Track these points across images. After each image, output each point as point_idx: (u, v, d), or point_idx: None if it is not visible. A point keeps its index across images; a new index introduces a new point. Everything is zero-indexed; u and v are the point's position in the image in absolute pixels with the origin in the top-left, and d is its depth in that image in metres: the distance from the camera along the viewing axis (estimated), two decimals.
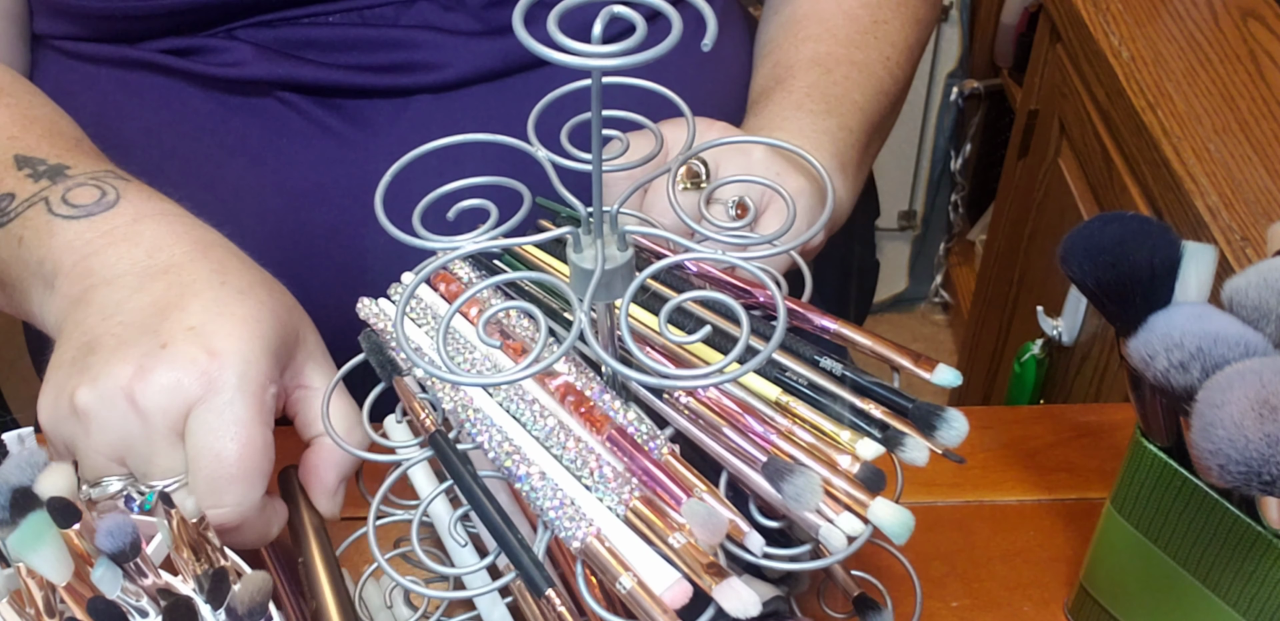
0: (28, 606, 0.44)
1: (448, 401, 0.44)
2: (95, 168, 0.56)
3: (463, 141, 0.40)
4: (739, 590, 0.36)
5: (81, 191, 0.53)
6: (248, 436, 0.47)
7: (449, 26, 0.65)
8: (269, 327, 0.49)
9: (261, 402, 0.48)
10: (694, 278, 0.50)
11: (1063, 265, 0.45)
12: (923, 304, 1.93)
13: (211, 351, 0.47)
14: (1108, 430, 0.65)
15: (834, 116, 0.66)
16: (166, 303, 0.49)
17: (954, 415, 0.42)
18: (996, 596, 0.57)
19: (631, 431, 0.42)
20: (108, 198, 0.53)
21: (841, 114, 0.66)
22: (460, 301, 0.35)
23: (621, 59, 0.30)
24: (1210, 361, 0.41)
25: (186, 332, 0.48)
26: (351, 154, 0.65)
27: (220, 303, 0.49)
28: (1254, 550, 0.44)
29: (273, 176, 0.65)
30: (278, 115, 0.64)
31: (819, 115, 0.65)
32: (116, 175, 0.56)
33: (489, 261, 0.52)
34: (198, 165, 0.65)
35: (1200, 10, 0.95)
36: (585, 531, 0.39)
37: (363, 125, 0.64)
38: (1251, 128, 0.83)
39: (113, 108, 0.66)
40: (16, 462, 0.44)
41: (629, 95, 0.45)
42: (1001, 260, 1.31)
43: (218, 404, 0.47)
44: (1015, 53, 1.52)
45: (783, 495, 0.38)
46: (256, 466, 0.48)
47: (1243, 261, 0.72)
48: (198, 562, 0.48)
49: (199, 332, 0.48)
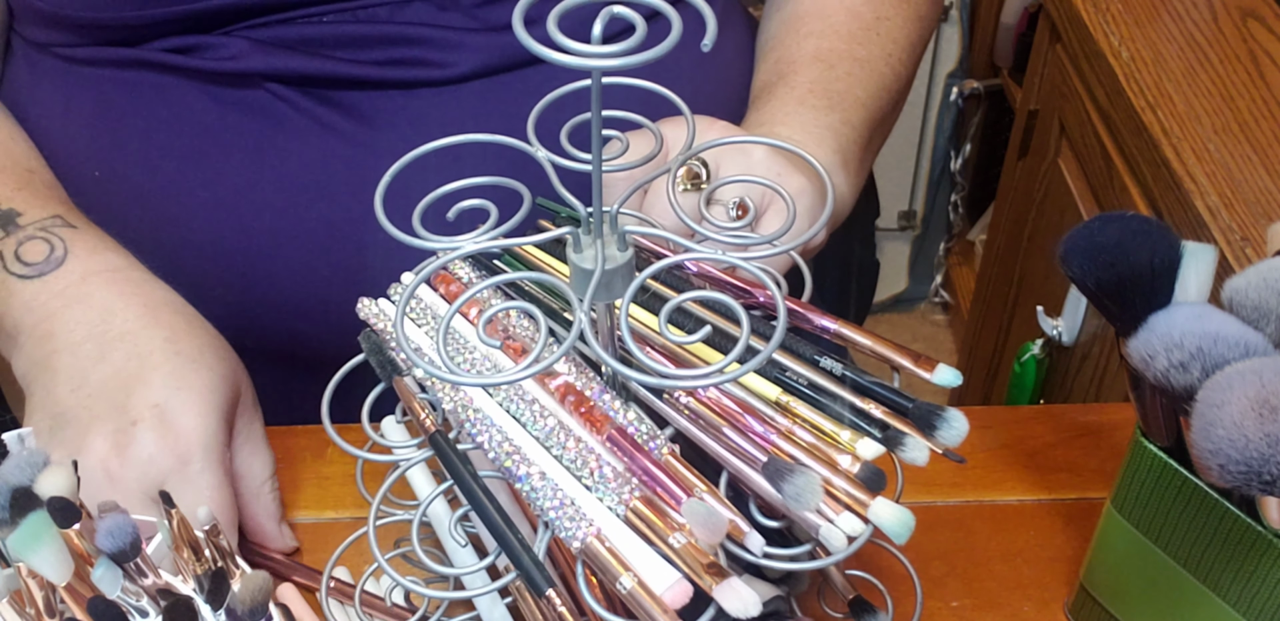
0: (28, 606, 0.44)
1: (447, 401, 0.44)
2: (43, 214, 0.60)
3: (463, 142, 0.40)
4: (739, 590, 0.36)
5: (32, 246, 0.59)
6: (218, 498, 0.54)
7: (445, 24, 0.65)
8: (222, 396, 0.56)
9: (223, 466, 0.55)
10: (694, 278, 0.50)
11: (1063, 265, 0.45)
12: (923, 304, 1.93)
13: (179, 429, 0.53)
14: (1108, 430, 0.65)
15: (836, 112, 0.66)
16: (128, 375, 0.55)
17: (954, 415, 0.42)
18: (996, 596, 0.57)
19: (631, 431, 0.42)
20: (56, 253, 0.58)
21: (844, 109, 0.66)
22: (461, 301, 0.35)
23: (621, 59, 0.30)
24: (1210, 361, 0.41)
25: (153, 410, 0.54)
26: (351, 150, 0.65)
27: (178, 376, 0.55)
28: (1254, 550, 0.44)
29: (271, 173, 0.65)
30: (275, 111, 0.64)
31: (821, 111, 0.65)
32: (64, 222, 0.60)
33: (489, 261, 0.52)
34: (196, 163, 0.65)
35: (1200, 10, 0.95)
36: (585, 531, 0.39)
37: (362, 121, 0.64)
38: (1251, 128, 0.83)
39: (111, 107, 0.66)
40: (16, 462, 0.44)
41: (629, 95, 0.45)
42: (1001, 260, 1.31)
43: (189, 474, 0.53)
44: (1015, 53, 1.52)
45: (783, 495, 0.38)
46: (229, 521, 0.55)
47: (1243, 261, 0.72)
48: (198, 563, 0.48)
49: (164, 410, 0.54)
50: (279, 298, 0.66)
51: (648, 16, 0.30)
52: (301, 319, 0.67)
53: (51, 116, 0.67)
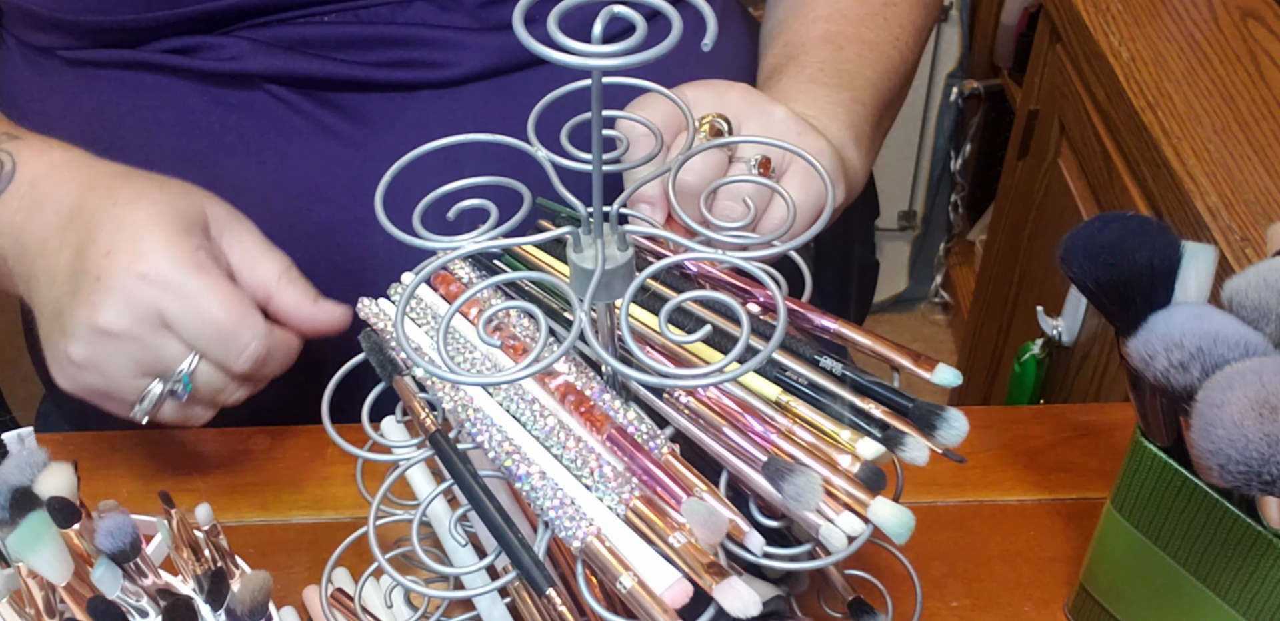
0: (28, 606, 0.44)
1: (448, 401, 0.44)
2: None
3: (463, 141, 0.40)
4: (739, 589, 0.36)
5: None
6: (216, 291, 0.53)
7: (447, 24, 0.65)
8: (173, 218, 0.55)
9: (199, 265, 0.54)
10: (694, 278, 0.50)
11: (1063, 265, 0.45)
12: (923, 304, 1.93)
13: (134, 258, 0.53)
14: (1108, 430, 0.65)
15: (847, 90, 0.66)
16: (81, 244, 0.55)
17: (954, 415, 0.42)
18: (996, 596, 0.57)
19: (631, 431, 0.42)
20: (6, 168, 0.59)
21: (855, 88, 0.67)
22: (461, 300, 0.35)
23: (622, 59, 0.30)
24: (1210, 361, 0.41)
25: (106, 258, 0.53)
26: (350, 152, 0.65)
27: (118, 220, 0.54)
28: (1254, 550, 0.44)
29: (271, 175, 0.65)
30: (275, 113, 0.64)
31: (833, 88, 0.66)
32: (10, 136, 0.60)
33: (489, 262, 0.52)
34: (195, 163, 0.65)
35: (1200, 10, 0.95)
36: (585, 531, 0.39)
37: (362, 123, 0.64)
38: (1251, 128, 0.83)
39: (111, 108, 0.66)
40: (16, 462, 0.44)
41: (628, 95, 0.45)
42: (1001, 260, 1.31)
43: (183, 293, 0.53)
44: (1015, 53, 1.52)
45: (783, 495, 0.38)
46: (240, 302, 0.54)
47: (1243, 261, 0.72)
48: (198, 563, 0.48)
49: (114, 253, 0.53)
50: None
51: (647, 16, 0.30)
52: None
53: (51, 114, 0.67)
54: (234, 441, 0.65)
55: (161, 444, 0.65)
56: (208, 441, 0.65)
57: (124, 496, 0.62)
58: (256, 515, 0.61)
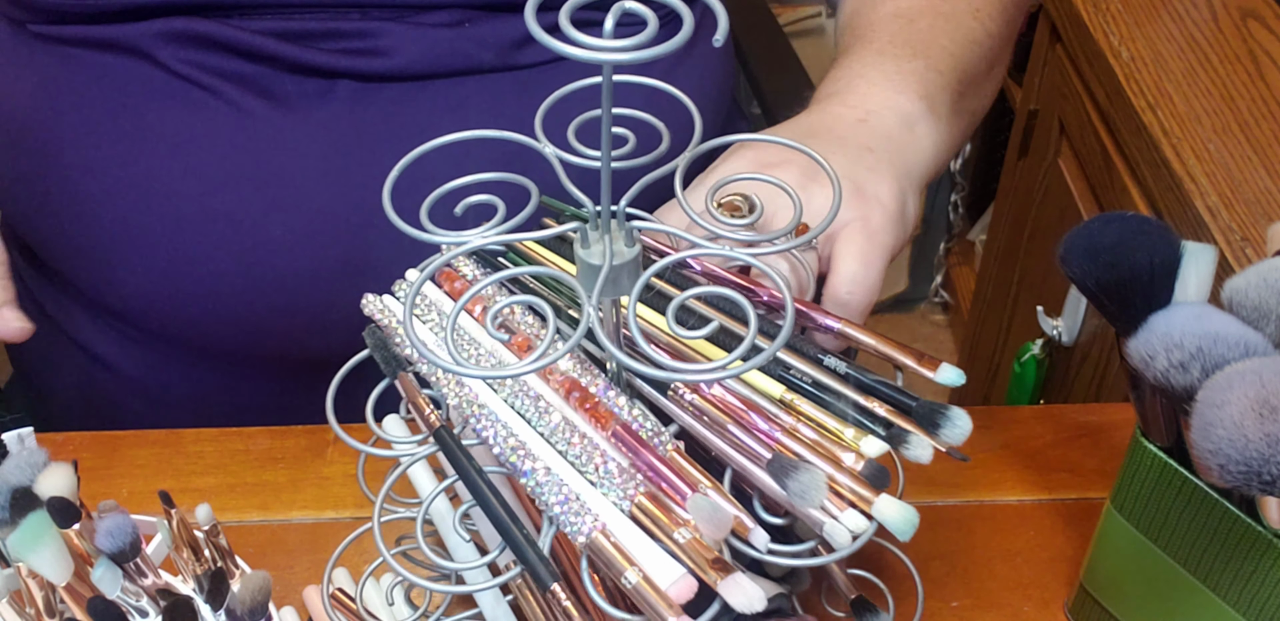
0: (28, 606, 0.44)
1: (452, 397, 0.44)
2: None
3: (465, 138, 0.40)
4: (744, 585, 0.36)
5: None
6: None
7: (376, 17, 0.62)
8: None
9: None
10: (701, 277, 0.50)
11: (1063, 265, 0.45)
12: (923, 304, 1.93)
13: None
14: (1108, 430, 0.65)
15: (920, 59, 0.62)
16: None
17: (957, 413, 0.42)
18: (996, 596, 0.57)
19: (636, 427, 0.42)
20: None
21: (929, 57, 0.62)
22: (470, 294, 0.35)
23: (633, 53, 0.30)
24: (1210, 361, 0.41)
25: None
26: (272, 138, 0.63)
27: None
28: (1254, 550, 0.44)
29: (196, 160, 0.63)
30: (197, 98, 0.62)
31: (903, 59, 0.62)
32: None
33: (494, 259, 0.52)
34: (125, 143, 0.63)
35: (1200, 10, 0.95)
36: (590, 526, 0.39)
37: (287, 109, 0.63)
38: (1251, 128, 0.83)
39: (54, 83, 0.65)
40: (16, 462, 0.44)
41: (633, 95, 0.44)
42: (1001, 260, 1.31)
43: None
44: (1015, 53, 1.52)
45: (787, 492, 0.39)
46: None
47: (1243, 261, 0.72)
48: (198, 563, 0.48)
49: None
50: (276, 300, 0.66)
51: (659, 15, 0.30)
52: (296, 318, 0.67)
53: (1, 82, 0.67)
54: (234, 441, 0.65)
55: (161, 444, 0.65)
56: (208, 441, 0.65)
57: (124, 496, 0.62)
58: (256, 515, 0.61)
